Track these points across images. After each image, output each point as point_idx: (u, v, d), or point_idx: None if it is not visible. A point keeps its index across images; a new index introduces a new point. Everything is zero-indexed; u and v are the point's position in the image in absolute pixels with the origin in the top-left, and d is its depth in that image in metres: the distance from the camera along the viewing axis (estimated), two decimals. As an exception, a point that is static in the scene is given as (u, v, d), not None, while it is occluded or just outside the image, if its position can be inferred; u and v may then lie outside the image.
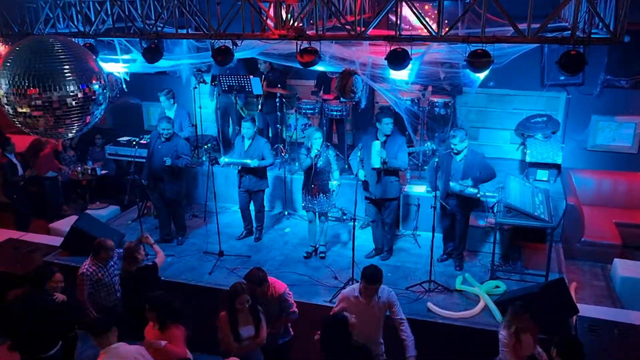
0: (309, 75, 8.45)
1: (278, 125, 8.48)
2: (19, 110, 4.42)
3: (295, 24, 5.78)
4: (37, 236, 7.46)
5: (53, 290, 5.00)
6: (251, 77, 7.89)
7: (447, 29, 5.37)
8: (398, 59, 5.49)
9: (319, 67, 6.72)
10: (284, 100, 8.27)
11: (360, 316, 4.49)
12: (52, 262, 6.62)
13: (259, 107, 8.55)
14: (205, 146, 8.50)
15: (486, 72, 5.67)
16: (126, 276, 5.24)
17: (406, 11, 5.72)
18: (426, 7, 7.41)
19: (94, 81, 4.66)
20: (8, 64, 4.44)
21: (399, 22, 5.50)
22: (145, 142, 7.39)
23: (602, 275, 6.69)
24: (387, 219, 6.56)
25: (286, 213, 7.93)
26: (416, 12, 5.35)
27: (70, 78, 4.47)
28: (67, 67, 4.49)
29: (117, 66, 7.46)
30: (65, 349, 5.10)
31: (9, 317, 4.80)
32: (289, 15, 5.92)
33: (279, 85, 8.23)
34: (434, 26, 5.35)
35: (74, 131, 4.80)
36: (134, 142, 6.89)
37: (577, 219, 6.94)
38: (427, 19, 5.48)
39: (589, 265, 6.89)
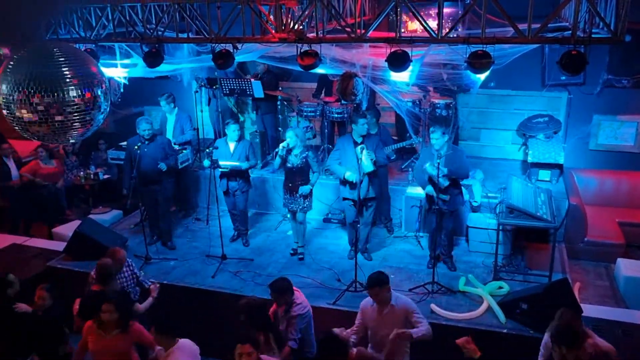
0: (310, 78, 8.46)
1: (280, 128, 8.49)
2: (19, 115, 4.42)
3: (296, 26, 5.79)
4: (40, 241, 7.49)
5: (38, 307, 4.97)
6: (252, 80, 7.91)
7: (447, 30, 5.37)
8: (398, 61, 5.49)
9: (320, 70, 6.74)
10: (285, 102, 8.28)
11: (379, 325, 4.49)
12: (55, 267, 6.65)
13: (234, 103, 8.54)
14: (207, 150, 8.51)
15: (487, 73, 5.67)
16: (91, 295, 4.93)
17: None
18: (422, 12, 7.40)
19: (96, 87, 4.67)
20: (10, 70, 4.46)
21: (399, 24, 5.51)
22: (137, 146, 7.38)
23: (605, 275, 6.67)
24: (369, 219, 6.56)
25: (288, 216, 7.92)
26: (416, 14, 5.36)
27: (73, 84, 4.49)
28: (69, 73, 4.51)
29: (117, 71, 7.47)
30: None
31: None
32: (289, 19, 5.93)
33: (280, 88, 8.24)
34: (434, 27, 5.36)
35: (76, 137, 4.81)
36: (137, 147, 6.90)
37: (580, 219, 6.92)
38: (427, 21, 5.50)
39: (593, 265, 6.87)
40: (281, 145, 6.43)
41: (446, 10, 7.74)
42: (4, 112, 4.52)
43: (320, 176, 6.70)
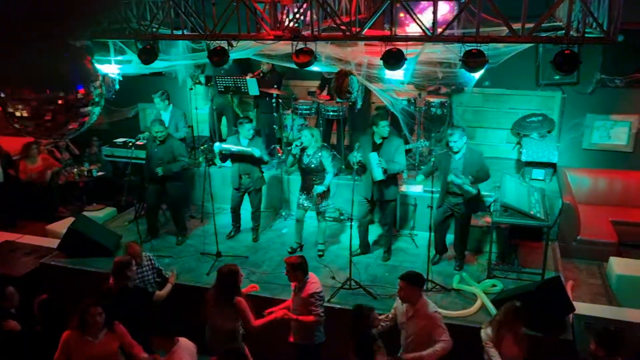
0: (308, 76, 8.44)
1: (275, 126, 8.49)
2: (11, 110, 4.41)
3: (291, 24, 5.79)
4: (34, 238, 7.46)
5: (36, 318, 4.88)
6: (247, 78, 7.89)
7: (441, 29, 5.39)
8: (393, 59, 5.50)
9: (315, 68, 6.73)
10: (280, 100, 8.27)
11: (405, 326, 4.51)
12: (48, 264, 6.62)
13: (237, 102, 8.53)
14: (202, 147, 8.49)
15: (481, 72, 5.69)
16: (108, 295, 4.84)
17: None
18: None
19: (90, 83, 4.66)
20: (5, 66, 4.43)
21: (394, 22, 5.52)
22: (141, 142, 7.38)
23: (598, 274, 6.71)
24: (386, 220, 6.57)
25: (283, 214, 7.93)
26: (411, 13, 5.37)
27: (67, 80, 4.47)
28: (63, 69, 4.49)
29: (112, 67, 7.44)
30: None
31: None
32: (285, 16, 5.93)
33: (275, 86, 8.24)
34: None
35: (69, 133, 4.80)
36: (130, 144, 6.88)
37: (573, 218, 6.96)
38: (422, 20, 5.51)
39: (585, 264, 6.91)
40: (294, 143, 6.39)
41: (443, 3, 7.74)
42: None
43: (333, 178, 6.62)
